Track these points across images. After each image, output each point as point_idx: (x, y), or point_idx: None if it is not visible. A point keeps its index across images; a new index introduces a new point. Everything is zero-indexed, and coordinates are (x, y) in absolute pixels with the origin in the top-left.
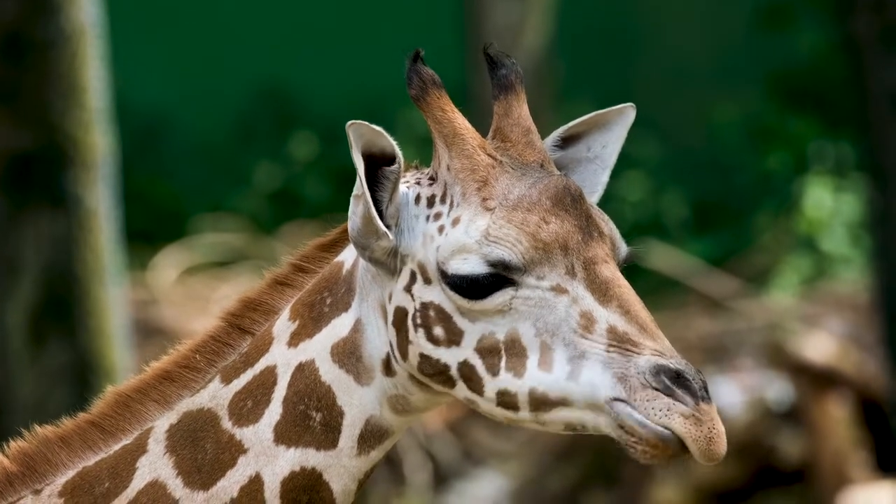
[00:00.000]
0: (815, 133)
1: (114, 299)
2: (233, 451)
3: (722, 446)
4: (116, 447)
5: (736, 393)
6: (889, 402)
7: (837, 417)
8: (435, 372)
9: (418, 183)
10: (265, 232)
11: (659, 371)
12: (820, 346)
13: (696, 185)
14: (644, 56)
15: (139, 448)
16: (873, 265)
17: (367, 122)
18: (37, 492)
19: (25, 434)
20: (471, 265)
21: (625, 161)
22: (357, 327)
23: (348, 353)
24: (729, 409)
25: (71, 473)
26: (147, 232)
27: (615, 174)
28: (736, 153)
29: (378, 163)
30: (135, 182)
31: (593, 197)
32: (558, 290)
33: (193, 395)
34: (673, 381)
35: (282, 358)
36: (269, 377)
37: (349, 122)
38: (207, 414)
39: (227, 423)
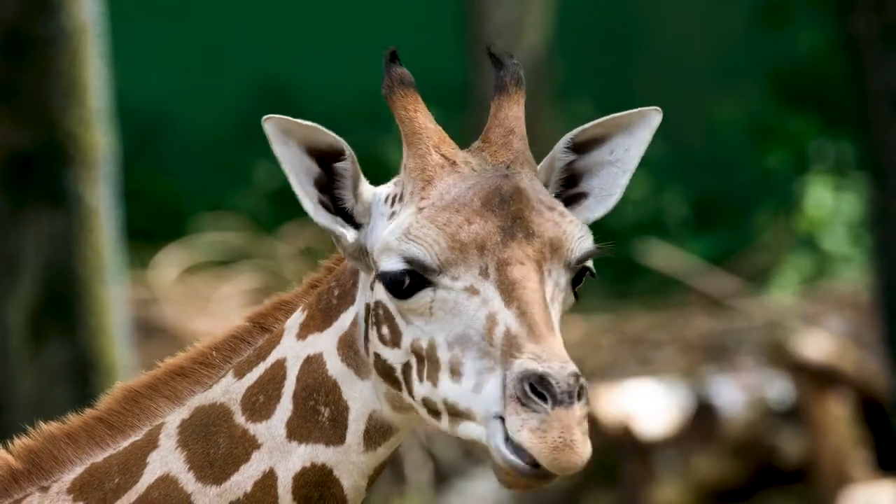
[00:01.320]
0: (816, 132)
1: (114, 298)
2: (246, 445)
3: (573, 456)
4: (125, 443)
5: (736, 392)
6: (889, 400)
7: (838, 416)
8: (385, 372)
9: (396, 183)
10: (266, 231)
11: (523, 378)
12: (820, 344)
13: (696, 184)
14: (644, 54)
15: (150, 443)
16: (873, 264)
17: (289, 117)
18: (44, 489)
19: (30, 431)
20: (392, 263)
21: None
22: (355, 321)
23: (348, 347)
24: (729, 408)
25: (79, 470)
26: (147, 230)
27: None
28: (736, 152)
29: (329, 159)
30: (135, 180)
31: (611, 200)
32: (471, 290)
33: (206, 390)
34: (534, 387)
35: (291, 351)
36: (279, 371)
37: (265, 117)
38: (220, 409)
39: (240, 418)
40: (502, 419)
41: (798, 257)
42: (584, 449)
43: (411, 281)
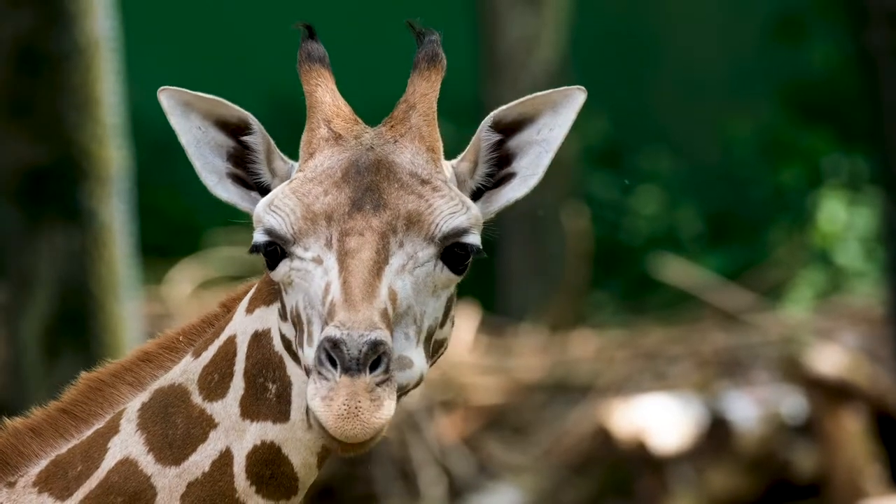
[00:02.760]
0: (829, 147)
1: (128, 313)
2: (204, 425)
3: (357, 424)
4: (89, 432)
5: (750, 407)
6: None
7: (852, 431)
8: (287, 347)
9: None
10: None
11: (321, 345)
12: (834, 359)
13: (710, 199)
14: (658, 70)
15: (112, 429)
16: (887, 278)
17: (187, 90)
18: (10, 484)
19: None
20: (258, 234)
21: (639, 175)
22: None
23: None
24: (743, 422)
25: (44, 463)
26: (162, 246)
27: (630, 188)
28: (750, 167)
29: (241, 133)
30: (149, 196)
31: (532, 180)
32: (317, 260)
33: (167, 372)
34: (328, 354)
35: (241, 326)
36: (231, 347)
37: (160, 89)
38: (178, 389)
39: (197, 398)
40: None
41: (812, 272)
42: (370, 418)
43: (274, 251)
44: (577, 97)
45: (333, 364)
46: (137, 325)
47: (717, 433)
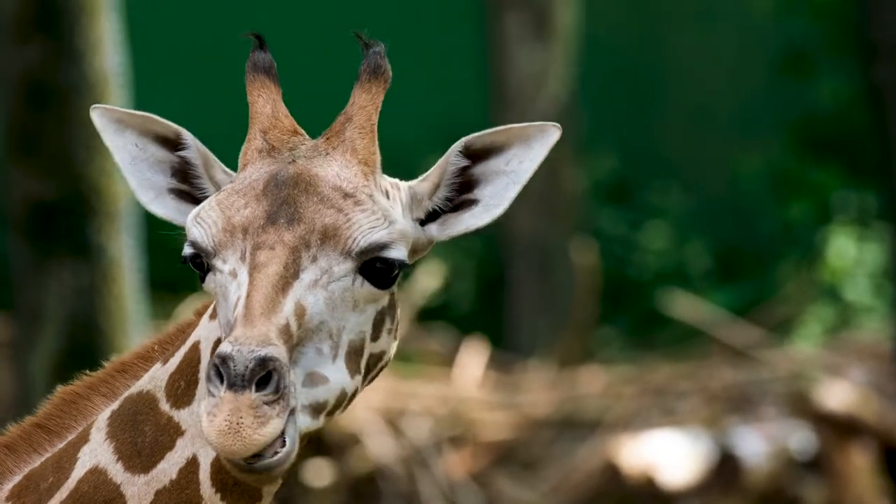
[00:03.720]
0: (838, 182)
1: None
2: (171, 433)
3: (237, 440)
4: (62, 445)
5: (759, 442)
6: None
7: (860, 466)
8: None
9: None
10: None
11: (213, 359)
12: (842, 395)
13: (719, 235)
14: (666, 105)
15: (82, 439)
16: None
17: (119, 108)
18: None
19: None
20: (186, 246)
21: (648, 210)
22: None
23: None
24: (752, 458)
25: (17, 478)
26: (170, 281)
27: (638, 224)
28: (759, 202)
29: (179, 147)
30: (158, 231)
31: (497, 210)
32: (233, 274)
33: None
34: (217, 370)
35: (204, 331)
36: (195, 354)
37: (92, 107)
38: (147, 396)
39: (164, 405)
40: None
41: (821, 308)
42: (252, 435)
43: (201, 264)
44: (551, 133)
45: (221, 379)
46: None
47: (725, 469)
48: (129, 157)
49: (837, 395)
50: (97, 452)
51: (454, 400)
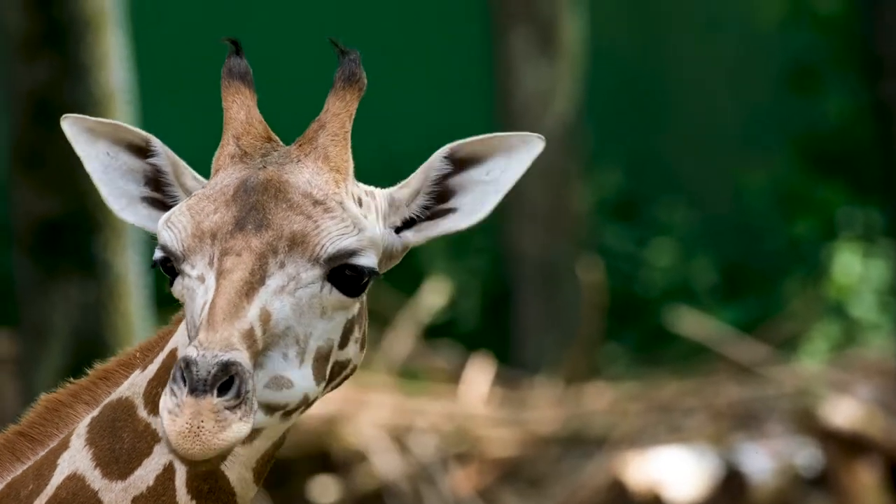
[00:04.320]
0: (844, 198)
1: None
2: (149, 439)
3: (196, 444)
4: (44, 453)
5: (765, 459)
6: None
7: (866, 483)
8: None
9: None
10: None
11: (178, 362)
12: (848, 411)
13: (724, 251)
14: (672, 121)
15: (63, 446)
16: None
17: (89, 117)
18: None
19: None
20: (157, 249)
21: (654, 227)
22: None
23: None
24: (758, 475)
25: (0, 486)
26: (176, 298)
27: (644, 240)
28: (764, 219)
29: (150, 155)
30: None
31: (476, 216)
32: (200, 279)
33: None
34: (181, 372)
35: (181, 338)
36: (172, 361)
37: (63, 116)
38: (125, 403)
39: (142, 412)
40: None
41: (826, 324)
42: (212, 439)
43: (171, 268)
44: (535, 144)
45: (185, 381)
46: None
47: (731, 485)
48: (101, 165)
49: (843, 412)
50: (76, 459)
51: (460, 417)
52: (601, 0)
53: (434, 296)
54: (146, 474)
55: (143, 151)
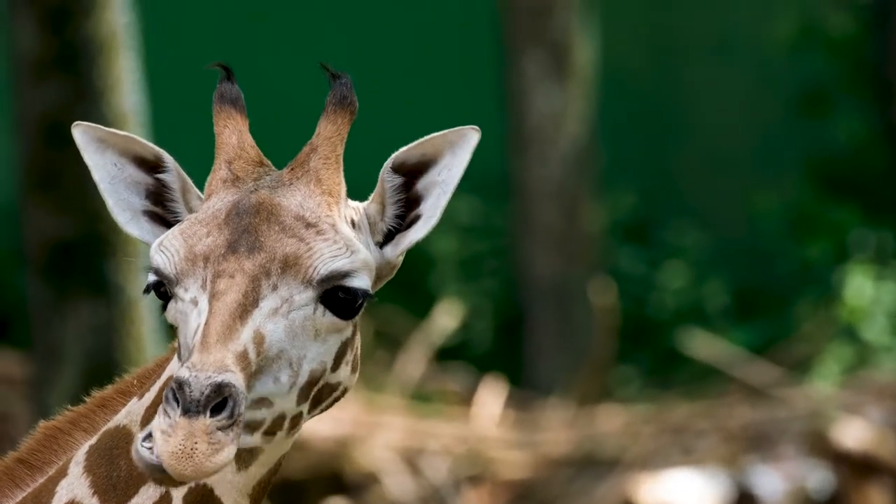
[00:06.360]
0: (856, 221)
1: None
2: None
3: (189, 465)
4: (43, 480)
5: (777, 482)
6: None
7: None
8: None
9: None
10: None
11: (171, 384)
12: (860, 434)
13: (736, 274)
14: (684, 144)
15: (61, 473)
16: None
17: (102, 126)
18: None
19: None
20: (150, 273)
21: (666, 249)
22: None
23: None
24: (770, 497)
25: None
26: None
27: (656, 263)
28: (776, 241)
29: (157, 171)
30: None
31: (430, 221)
32: (194, 302)
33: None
34: (174, 393)
35: (176, 365)
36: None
37: (74, 124)
38: (123, 431)
39: None
40: None
41: (839, 347)
42: (205, 461)
43: (165, 293)
44: (471, 136)
45: (178, 402)
46: None
47: None
48: (108, 176)
49: (855, 434)
50: (74, 486)
51: (472, 439)
52: (614, 23)
53: (446, 318)
54: (143, 501)
55: (150, 166)
